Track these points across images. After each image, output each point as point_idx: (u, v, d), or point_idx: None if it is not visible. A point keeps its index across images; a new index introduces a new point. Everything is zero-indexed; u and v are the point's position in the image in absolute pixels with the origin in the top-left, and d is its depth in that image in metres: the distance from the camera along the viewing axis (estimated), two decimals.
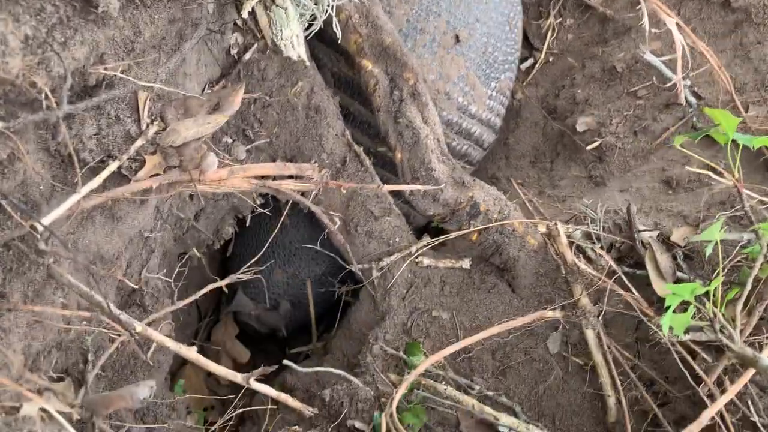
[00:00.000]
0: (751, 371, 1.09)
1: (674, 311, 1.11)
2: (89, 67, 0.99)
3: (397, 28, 1.64)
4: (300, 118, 1.64)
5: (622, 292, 1.35)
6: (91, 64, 0.99)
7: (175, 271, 1.52)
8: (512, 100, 2.13)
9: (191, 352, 1.06)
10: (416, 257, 1.64)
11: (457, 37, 1.73)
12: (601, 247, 1.48)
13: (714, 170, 1.28)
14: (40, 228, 0.93)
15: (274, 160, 1.67)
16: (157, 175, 1.13)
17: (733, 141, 1.23)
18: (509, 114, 2.09)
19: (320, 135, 1.66)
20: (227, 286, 1.39)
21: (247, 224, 1.74)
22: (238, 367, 1.98)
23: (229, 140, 1.54)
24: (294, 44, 1.30)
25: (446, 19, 1.72)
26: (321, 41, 1.68)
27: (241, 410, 1.44)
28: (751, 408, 1.17)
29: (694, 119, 1.72)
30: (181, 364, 1.80)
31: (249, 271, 1.43)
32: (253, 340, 2.08)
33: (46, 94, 0.91)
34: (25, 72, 0.87)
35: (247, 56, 1.51)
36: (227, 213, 1.69)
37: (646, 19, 1.59)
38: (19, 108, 0.92)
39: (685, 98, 1.74)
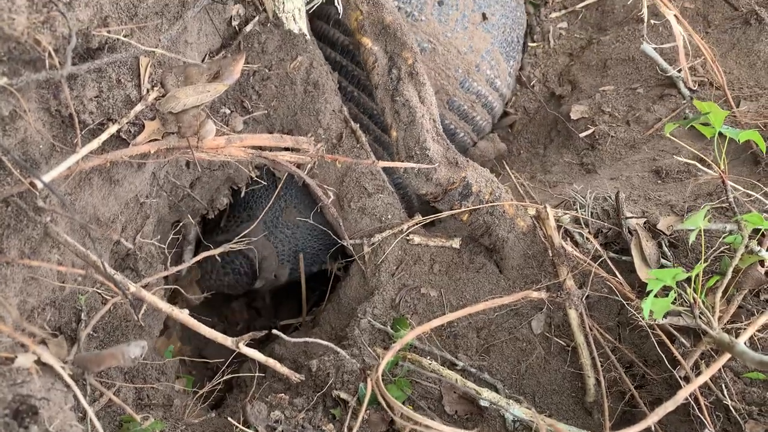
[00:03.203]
0: (727, 356, 1.12)
1: (655, 296, 1.14)
2: (93, 30, 1.00)
3: (435, 1, 1.74)
4: (298, 93, 1.65)
5: (606, 275, 1.38)
6: (94, 26, 1.00)
7: (169, 238, 1.55)
8: None
9: (183, 314, 1.08)
10: (407, 235, 1.66)
11: (484, 15, 1.86)
12: (589, 232, 1.51)
13: (702, 161, 1.31)
14: (39, 185, 0.95)
15: (270, 133, 1.69)
16: (156, 140, 1.14)
17: (721, 134, 1.25)
18: None
19: (318, 110, 1.67)
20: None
21: (242, 195, 1.76)
22: None
23: (227, 111, 1.56)
24: (296, 17, 1.31)
25: None
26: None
27: (228, 376, 1.47)
28: (725, 392, 1.21)
29: (687, 111, 1.75)
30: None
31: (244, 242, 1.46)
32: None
33: (50, 54, 0.93)
34: (30, 30, 0.88)
35: (248, 28, 1.52)
36: (222, 183, 1.70)
37: (645, 10, 1.61)
38: (22, 66, 0.94)
39: (679, 89, 1.77)
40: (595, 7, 2.08)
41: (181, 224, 1.65)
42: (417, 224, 1.67)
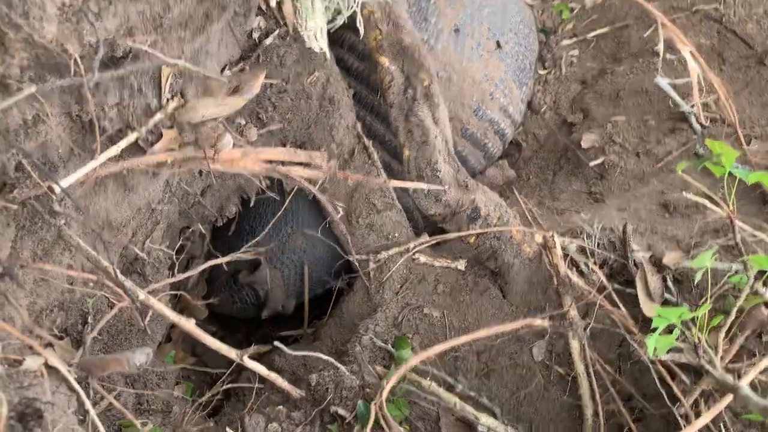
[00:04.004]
0: (729, 397, 1.13)
1: (660, 333, 1.15)
2: (118, 39, 1.01)
3: (450, 29, 1.76)
4: (313, 107, 1.67)
5: (610, 308, 1.39)
6: (120, 36, 1.02)
7: (177, 244, 1.56)
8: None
9: (190, 324, 1.09)
10: (413, 254, 1.67)
11: (498, 43, 1.89)
12: (595, 263, 1.52)
13: (710, 199, 1.32)
14: (56, 190, 0.96)
15: (284, 145, 1.70)
16: (172, 150, 1.16)
17: (730, 173, 1.26)
18: None
19: (332, 125, 1.69)
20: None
21: (251, 204, 1.77)
22: None
23: (243, 121, 1.57)
24: (317, 36, 1.33)
25: (488, 27, 1.86)
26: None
27: (228, 386, 1.47)
28: None
29: (697, 146, 1.76)
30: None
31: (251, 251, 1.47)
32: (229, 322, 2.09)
33: (76, 61, 0.94)
34: (58, 38, 0.89)
35: (268, 41, 1.54)
36: (233, 192, 1.71)
37: (662, 45, 1.62)
38: (47, 71, 0.95)
39: (691, 124, 1.78)
40: (610, 37, 2.09)
41: (190, 230, 1.66)
42: (424, 244, 1.68)
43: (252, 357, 1.30)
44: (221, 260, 1.45)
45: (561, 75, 2.11)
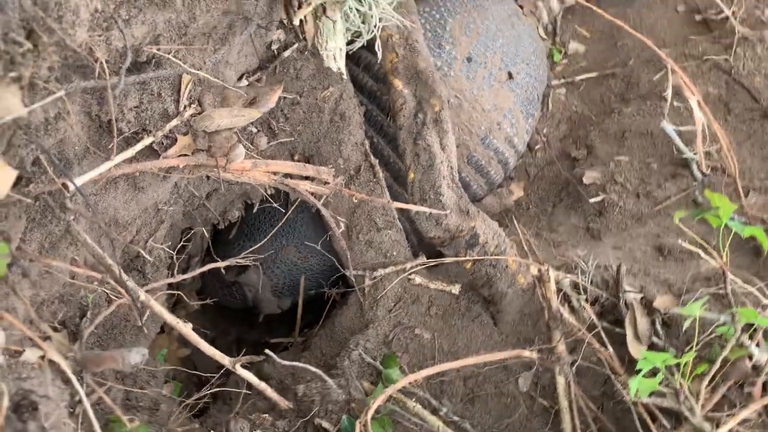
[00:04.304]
0: None
1: (644, 375, 1.17)
2: (144, 46, 1.04)
3: (463, 57, 1.79)
4: (324, 121, 1.70)
5: (598, 347, 1.41)
6: (146, 43, 1.04)
7: (179, 244, 1.58)
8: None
9: (186, 328, 1.11)
10: (410, 274, 1.69)
11: (510, 74, 1.91)
12: (586, 300, 1.54)
13: (704, 249, 1.35)
14: (70, 187, 0.99)
15: (292, 156, 1.73)
16: (185, 155, 1.18)
17: (726, 225, 1.29)
18: None
19: (341, 140, 1.71)
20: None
21: (254, 211, 1.80)
22: None
23: (254, 130, 1.60)
24: (336, 57, 1.36)
25: (501, 57, 1.89)
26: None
27: (215, 390, 1.49)
28: None
29: (697, 193, 1.79)
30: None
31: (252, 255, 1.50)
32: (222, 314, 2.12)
33: (102, 65, 0.96)
34: (88, 42, 0.92)
35: (286, 54, 1.57)
36: (238, 197, 1.74)
37: (670, 91, 1.66)
38: (73, 72, 0.98)
39: (692, 171, 1.81)
40: (621, 77, 2.13)
41: (192, 232, 1.68)
42: (421, 265, 1.70)
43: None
44: (218, 264, 1.47)
45: (568, 109, 2.15)
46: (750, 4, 1.97)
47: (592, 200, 1.90)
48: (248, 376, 1.17)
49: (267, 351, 1.50)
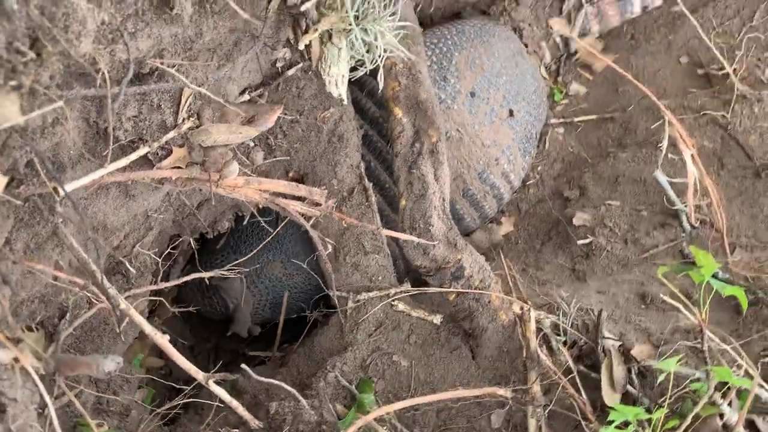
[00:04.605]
0: None
1: (616, 427, 1.18)
2: (148, 59, 1.05)
3: (467, 91, 1.81)
4: (322, 141, 1.71)
5: (572, 392, 1.42)
6: (150, 56, 1.05)
7: (166, 251, 1.58)
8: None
9: (163, 340, 1.11)
10: (393, 300, 1.70)
11: (511, 111, 1.94)
12: (565, 342, 1.55)
13: (684, 304, 1.36)
14: (61, 192, 0.99)
15: (287, 172, 1.74)
16: (179, 167, 1.19)
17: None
18: None
19: (336, 161, 1.73)
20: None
21: (245, 223, 1.80)
22: None
23: (252, 144, 1.61)
24: (338, 83, 1.38)
25: (503, 94, 1.91)
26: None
27: (188, 400, 1.49)
28: None
29: (684, 245, 1.80)
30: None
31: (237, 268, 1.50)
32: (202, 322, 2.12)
33: (104, 75, 0.97)
34: (92, 53, 0.93)
35: (291, 72, 1.58)
36: (229, 209, 1.74)
37: (665, 142, 1.68)
38: (74, 79, 0.99)
39: (681, 222, 1.83)
40: (619, 122, 2.15)
41: (180, 239, 1.68)
42: (405, 292, 1.71)
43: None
44: (203, 275, 1.47)
45: (565, 150, 2.17)
46: (751, 63, 2.00)
47: (580, 242, 1.91)
48: (221, 392, 1.17)
49: (243, 366, 1.50)
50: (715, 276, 1.67)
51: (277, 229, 1.61)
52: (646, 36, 2.20)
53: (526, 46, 2.06)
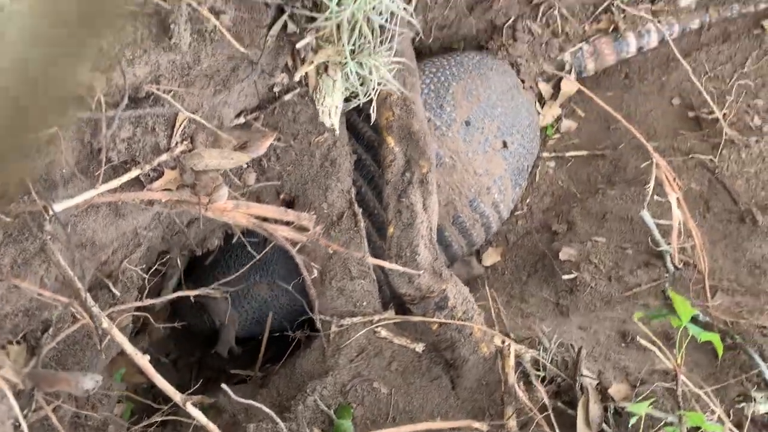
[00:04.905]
0: None
1: None
2: (144, 84, 1.07)
3: (462, 120, 1.84)
4: (315, 165, 1.73)
5: (547, 429, 1.43)
6: (147, 82, 1.08)
7: (153, 267, 1.59)
8: None
9: (143, 361, 1.12)
10: (376, 326, 1.71)
11: (504, 142, 1.97)
12: (544, 378, 1.57)
13: (660, 348, 1.38)
14: (51, 210, 1.01)
15: (278, 194, 1.76)
16: (169, 189, 1.21)
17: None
18: None
19: (328, 186, 1.75)
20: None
21: (233, 241, 1.81)
22: None
23: (244, 165, 1.63)
24: (331, 113, 1.40)
25: (498, 125, 1.94)
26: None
27: (167, 417, 1.49)
28: None
29: (667, 285, 1.83)
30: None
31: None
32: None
33: (99, 99, 0.99)
34: (88, 78, 0.95)
35: (287, 97, 1.61)
36: (219, 227, 1.76)
37: (652, 184, 1.71)
38: (70, 102, 1.00)
39: (665, 263, 1.85)
40: (610, 159, 2.18)
41: (168, 256, 1.69)
42: (388, 319, 1.72)
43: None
44: (189, 293, 1.48)
45: (555, 184, 2.19)
46: (741, 109, 2.04)
47: (565, 277, 1.93)
48: (198, 415, 1.18)
49: (223, 385, 1.51)
50: (695, 319, 1.70)
51: (265, 251, 1.62)
52: (640, 76, 2.24)
53: (523, 81, 2.10)
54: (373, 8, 1.19)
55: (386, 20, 1.25)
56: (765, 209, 1.88)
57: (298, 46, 1.24)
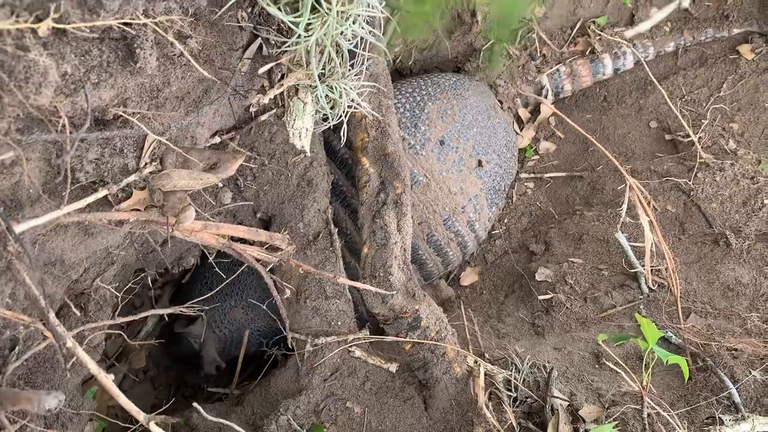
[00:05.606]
0: None
1: None
2: (111, 107, 1.09)
3: (436, 139, 1.86)
4: (291, 185, 1.75)
5: None
6: (113, 105, 1.09)
7: (126, 286, 1.60)
8: None
9: (107, 380, 1.13)
10: (350, 346, 1.72)
11: (479, 162, 1.99)
12: (516, 399, 1.57)
13: (626, 370, 1.39)
14: (12, 231, 1.02)
15: (255, 213, 1.77)
16: (137, 210, 1.22)
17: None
18: None
19: (304, 205, 1.76)
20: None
21: (210, 260, 1.82)
22: None
23: (220, 185, 1.64)
24: (301, 135, 1.42)
25: (473, 145, 1.97)
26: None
27: None
28: None
29: (641, 307, 1.84)
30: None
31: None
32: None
33: (64, 121, 1.01)
34: (53, 101, 0.97)
35: (263, 117, 1.63)
36: (194, 246, 1.77)
37: (625, 206, 1.72)
38: (35, 124, 1.02)
39: (640, 285, 1.87)
40: (587, 181, 2.20)
41: (143, 274, 1.70)
42: (363, 339, 1.73)
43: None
44: (162, 311, 1.49)
45: (532, 204, 2.21)
46: (716, 133, 2.06)
47: (542, 297, 1.94)
48: None
49: (195, 404, 1.51)
50: (668, 341, 1.71)
51: (236, 274, 1.63)
52: (618, 99, 2.27)
53: (501, 102, 2.12)
54: (342, 33, 1.21)
55: (355, 46, 1.27)
56: (738, 232, 1.89)
57: (261, 70, 1.26)
